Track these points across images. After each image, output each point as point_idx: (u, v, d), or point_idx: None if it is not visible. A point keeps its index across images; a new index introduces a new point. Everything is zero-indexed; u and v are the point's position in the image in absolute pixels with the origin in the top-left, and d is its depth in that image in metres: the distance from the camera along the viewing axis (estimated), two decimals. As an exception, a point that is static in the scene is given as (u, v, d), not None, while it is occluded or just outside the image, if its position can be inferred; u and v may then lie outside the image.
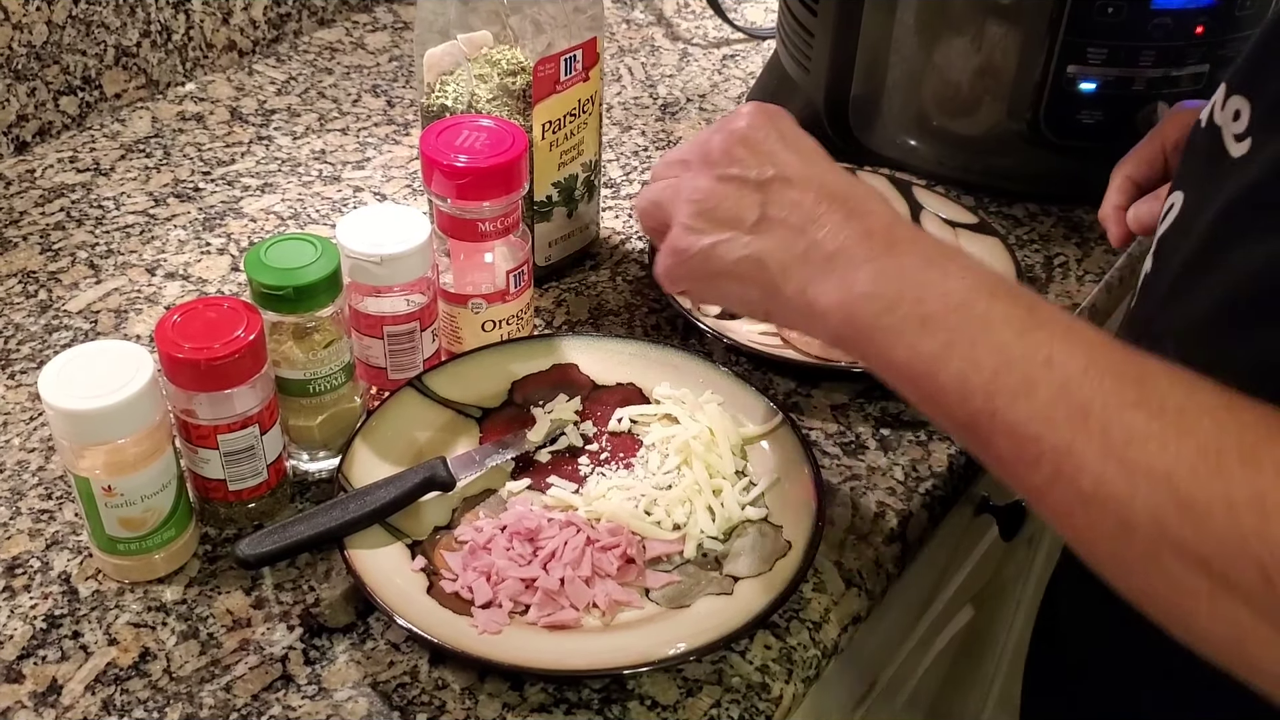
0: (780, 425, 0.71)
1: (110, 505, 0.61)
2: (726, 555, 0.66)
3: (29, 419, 0.74)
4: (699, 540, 0.66)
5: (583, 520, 0.66)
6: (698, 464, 0.69)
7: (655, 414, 0.73)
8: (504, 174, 0.71)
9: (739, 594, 0.63)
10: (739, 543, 0.66)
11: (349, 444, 0.68)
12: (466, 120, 0.74)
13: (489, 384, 0.74)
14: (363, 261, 0.68)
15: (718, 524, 0.67)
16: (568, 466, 0.71)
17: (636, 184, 0.98)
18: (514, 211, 0.73)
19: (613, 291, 0.86)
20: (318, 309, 0.66)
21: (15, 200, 0.94)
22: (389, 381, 0.73)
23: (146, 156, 0.99)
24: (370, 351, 0.72)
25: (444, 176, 0.71)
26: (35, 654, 0.61)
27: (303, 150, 1.01)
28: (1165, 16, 0.84)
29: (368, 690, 0.60)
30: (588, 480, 0.70)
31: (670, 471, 0.70)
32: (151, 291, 0.85)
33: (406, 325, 0.71)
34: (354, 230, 0.69)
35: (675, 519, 0.67)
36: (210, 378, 0.61)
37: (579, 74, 0.79)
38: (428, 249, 0.70)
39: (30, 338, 0.81)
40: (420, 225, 0.69)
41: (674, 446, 0.71)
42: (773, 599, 0.61)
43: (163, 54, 1.06)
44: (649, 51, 1.18)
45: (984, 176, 0.96)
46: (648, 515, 0.67)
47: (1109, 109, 0.88)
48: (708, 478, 0.69)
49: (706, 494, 0.68)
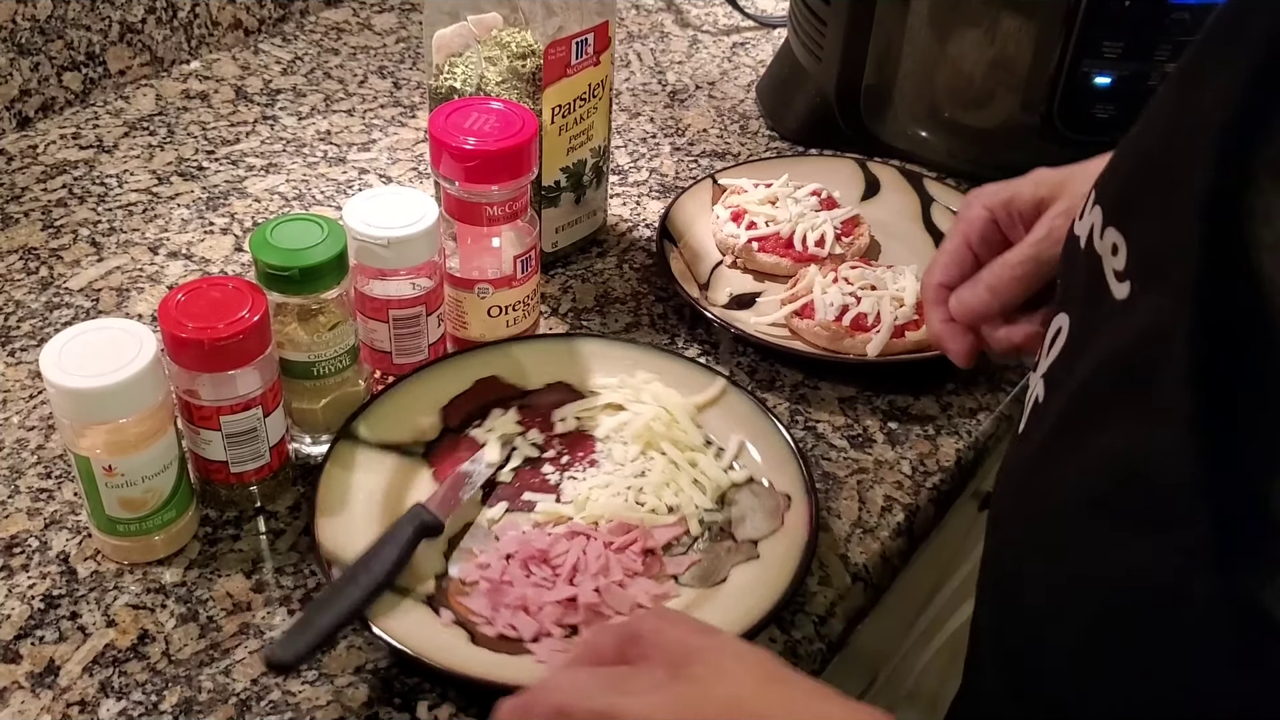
0: (727, 389, 0.71)
1: (110, 485, 0.61)
2: (731, 522, 0.66)
3: (29, 397, 0.74)
4: (699, 516, 0.66)
5: (585, 526, 0.65)
6: (666, 444, 0.69)
7: (598, 405, 0.72)
8: (513, 158, 0.70)
9: (765, 554, 0.63)
10: (737, 508, 0.67)
11: (311, 520, 0.62)
12: (476, 102, 0.73)
13: (418, 416, 0.70)
14: (369, 243, 0.67)
15: (709, 494, 0.67)
16: (535, 479, 0.69)
17: (645, 171, 0.97)
18: (522, 196, 0.72)
19: (619, 279, 0.85)
20: (323, 291, 0.65)
21: (17, 176, 0.93)
22: (394, 366, 0.72)
23: (150, 134, 0.98)
24: (375, 335, 0.71)
25: (452, 159, 0.70)
26: (33, 634, 0.60)
27: (308, 131, 1.00)
28: (1182, 11, 0.83)
29: (368, 677, 0.59)
30: (562, 488, 0.68)
31: (637, 459, 0.69)
32: (154, 270, 0.84)
33: (412, 310, 0.70)
34: (361, 212, 0.68)
35: (666, 502, 0.67)
36: (214, 358, 0.61)
37: (590, 58, 0.78)
38: (435, 232, 0.69)
39: (31, 315, 0.80)
40: (428, 208, 0.69)
41: (631, 433, 0.70)
42: (804, 545, 0.63)
43: (168, 31, 1.05)
44: (658, 38, 1.17)
45: (996, 170, 0.94)
46: (640, 505, 0.67)
47: (1124, 103, 0.87)
48: (680, 454, 0.69)
49: (686, 470, 0.68)
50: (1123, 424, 0.41)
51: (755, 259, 0.85)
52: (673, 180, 0.96)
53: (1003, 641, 0.48)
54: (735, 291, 0.84)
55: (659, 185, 0.96)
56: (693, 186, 0.90)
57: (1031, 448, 0.49)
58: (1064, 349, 0.49)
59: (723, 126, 1.04)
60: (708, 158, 0.99)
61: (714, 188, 0.91)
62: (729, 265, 0.86)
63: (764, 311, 0.81)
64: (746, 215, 0.86)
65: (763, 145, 1.01)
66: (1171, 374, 0.38)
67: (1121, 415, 0.42)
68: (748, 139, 1.02)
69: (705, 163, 0.99)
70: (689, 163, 0.99)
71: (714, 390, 0.71)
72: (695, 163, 0.99)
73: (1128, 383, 0.42)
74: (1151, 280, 0.42)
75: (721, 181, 0.91)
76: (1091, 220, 0.48)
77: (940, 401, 0.77)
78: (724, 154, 1.00)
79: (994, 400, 0.77)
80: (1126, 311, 0.43)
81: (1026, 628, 0.45)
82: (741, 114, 1.06)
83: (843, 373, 0.78)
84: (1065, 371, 0.48)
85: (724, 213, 0.87)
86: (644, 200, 0.94)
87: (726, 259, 0.86)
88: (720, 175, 0.92)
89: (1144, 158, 0.46)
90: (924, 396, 0.77)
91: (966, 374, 0.78)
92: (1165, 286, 0.40)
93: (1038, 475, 0.47)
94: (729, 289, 0.84)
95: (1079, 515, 0.43)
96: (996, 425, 0.76)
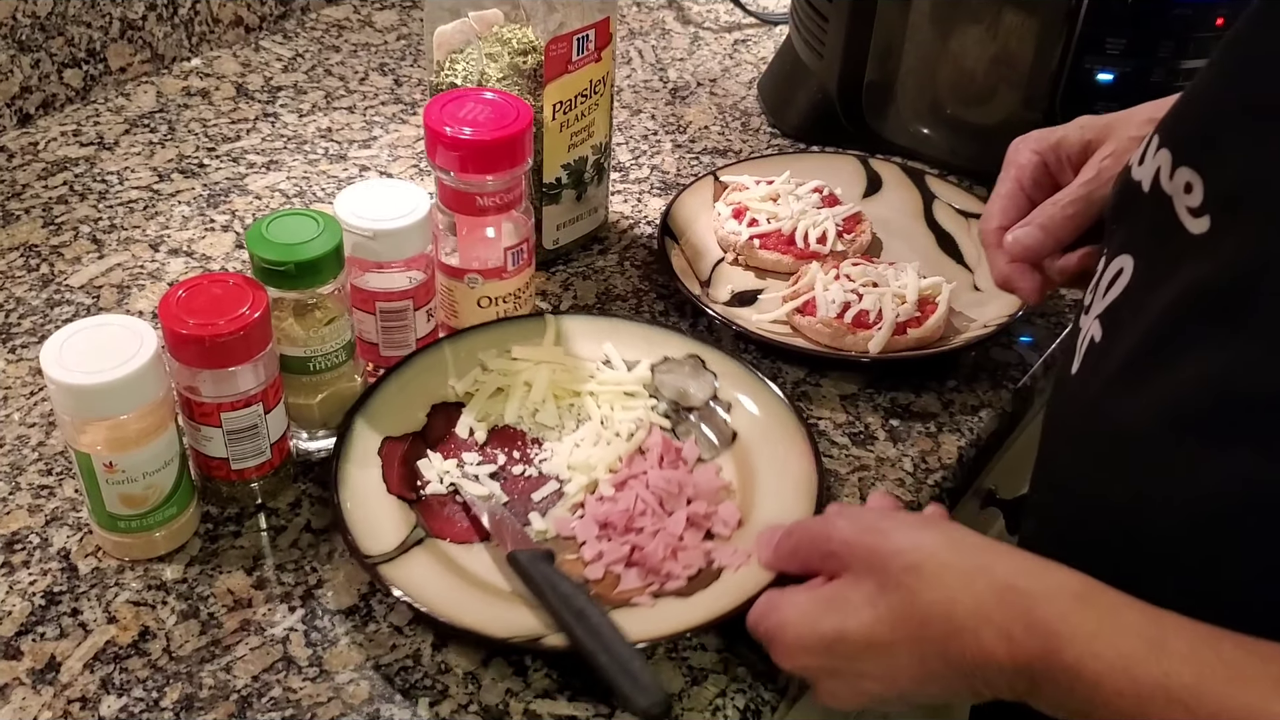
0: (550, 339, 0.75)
1: (111, 482, 0.61)
2: (679, 402, 0.73)
3: (29, 393, 0.74)
4: (661, 410, 0.73)
5: (617, 477, 0.68)
6: (574, 387, 0.73)
7: (486, 398, 0.72)
8: (507, 148, 0.70)
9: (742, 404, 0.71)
10: (668, 390, 0.73)
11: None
12: (472, 93, 0.73)
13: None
14: (358, 236, 0.68)
15: (642, 393, 0.73)
16: (524, 486, 0.69)
17: (646, 168, 0.97)
18: (516, 187, 0.72)
19: (620, 276, 0.85)
20: (319, 285, 0.65)
21: (18, 173, 0.93)
22: (381, 358, 0.72)
23: (151, 131, 0.98)
24: (364, 326, 0.72)
25: (447, 149, 0.70)
26: (34, 631, 0.60)
27: (309, 128, 1.00)
28: (1185, 8, 0.82)
29: (370, 673, 0.59)
30: (549, 458, 0.70)
31: (564, 412, 0.73)
32: (155, 267, 0.84)
33: (399, 303, 0.70)
34: (352, 204, 0.68)
35: (625, 428, 0.71)
36: (214, 355, 0.60)
37: (591, 54, 0.78)
38: (426, 225, 0.69)
39: (32, 311, 0.80)
40: (420, 201, 0.69)
41: (537, 399, 0.72)
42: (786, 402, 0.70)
43: (168, 28, 1.05)
44: (659, 34, 1.17)
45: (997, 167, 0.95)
46: (618, 436, 0.70)
47: (1126, 100, 0.86)
48: (590, 381, 0.73)
49: (612, 390, 0.73)
50: (1215, 346, 0.44)
51: (757, 256, 0.85)
52: (674, 177, 0.96)
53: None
54: (737, 289, 0.84)
55: (660, 182, 0.96)
56: (694, 183, 0.90)
57: (1097, 383, 0.51)
58: (1129, 287, 0.51)
59: (724, 123, 1.04)
60: (709, 154, 0.99)
61: (715, 185, 0.91)
62: (730, 262, 0.86)
63: (765, 309, 0.81)
64: (748, 212, 0.86)
65: (764, 142, 1.01)
66: (1273, 293, 0.41)
67: (1213, 338, 0.44)
68: (749, 136, 1.02)
69: (706, 160, 0.99)
70: (690, 160, 0.98)
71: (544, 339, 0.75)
72: (696, 160, 0.99)
73: (1219, 309, 0.44)
74: (1241, 211, 0.44)
75: (723, 178, 0.91)
76: (1158, 164, 0.50)
77: (942, 399, 0.76)
78: (725, 151, 1.00)
79: (996, 398, 0.77)
80: (1207, 244, 0.46)
81: (1100, 562, 0.47)
82: (743, 111, 1.05)
83: (844, 370, 0.78)
84: (1133, 309, 0.50)
85: (725, 210, 0.87)
86: (645, 197, 0.94)
87: (728, 256, 0.86)
88: (722, 172, 0.91)
89: (1218, 98, 0.48)
90: (926, 394, 0.77)
91: (968, 372, 0.78)
92: (1260, 216, 0.43)
93: (1110, 406, 0.50)
94: (730, 286, 0.84)
95: (1169, 436, 0.46)
96: (999, 423, 0.76)
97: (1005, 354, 0.80)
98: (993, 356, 0.80)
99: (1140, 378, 0.48)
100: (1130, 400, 0.48)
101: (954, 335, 0.79)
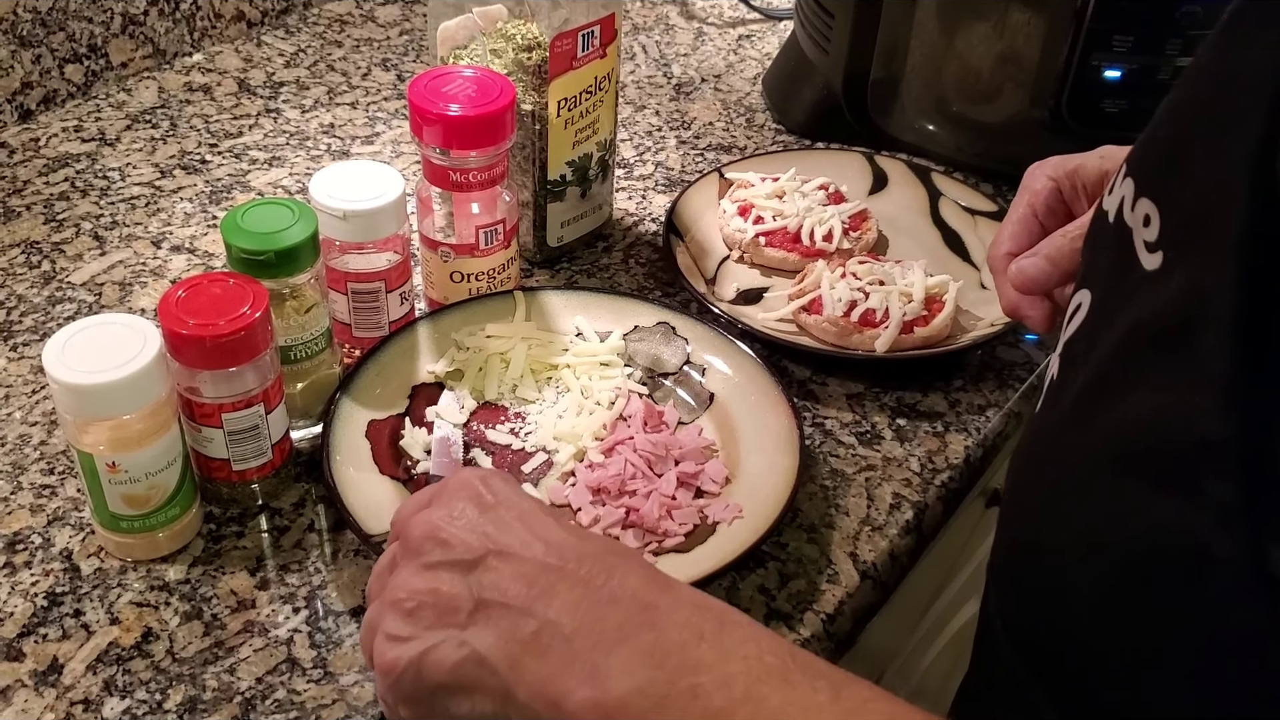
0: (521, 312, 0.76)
1: (114, 482, 0.60)
2: (654, 369, 0.74)
3: (31, 392, 0.73)
4: (636, 377, 0.74)
5: (604, 444, 0.69)
6: (551, 360, 0.74)
7: (464, 374, 0.73)
8: (490, 124, 0.70)
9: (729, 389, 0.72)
10: (641, 357, 0.75)
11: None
12: (455, 70, 0.73)
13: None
14: (331, 216, 0.68)
15: (618, 361, 0.74)
16: (509, 457, 0.70)
17: (650, 164, 0.97)
18: (500, 163, 0.73)
19: (625, 274, 0.85)
20: (298, 273, 0.65)
21: (19, 169, 0.92)
22: (354, 339, 0.73)
23: (153, 127, 0.98)
24: (336, 306, 0.72)
25: (429, 124, 0.70)
26: (36, 632, 0.60)
27: (311, 124, 0.99)
28: (1194, 5, 0.82)
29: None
30: (534, 431, 0.71)
31: (542, 385, 0.73)
32: (157, 265, 0.84)
33: (371, 284, 0.71)
34: (326, 185, 0.69)
35: (605, 397, 0.72)
36: (215, 355, 0.60)
37: (596, 50, 0.77)
38: (400, 207, 0.69)
39: (33, 309, 0.79)
40: (394, 183, 0.69)
41: (515, 376, 0.73)
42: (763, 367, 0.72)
43: (170, 23, 1.04)
44: (663, 30, 1.17)
45: (1004, 164, 0.95)
46: (599, 405, 0.71)
47: (1134, 98, 0.86)
48: (566, 353, 0.74)
49: (588, 363, 0.74)
50: (1155, 386, 0.42)
51: (762, 254, 0.84)
52: (678, 174, 0.96)
53: (1019, 618, 0.48)
54: (742, 286, 0.83)
55: (665, 179, 0.95)
56: (699, 180, 0.90)
57: (1054, 418, 0.49)
58: (1084, 323, 0.49)
59: (729, 120, 1.03)
60: (714, 151, 0.99)
61: (720, 182, 0.90)
62: (736, 260, 0.85)
63: (771, 307, 0.81)
64: (753, 209, 0.86)
65: (769, 139, 1.01)
66: (1212, 332, 0.38)
67: (1154, 378, 0.42)
68: (754, 132, 1.01)
69: (711, 156, 0.98)
70: (695, 156, 0.98)
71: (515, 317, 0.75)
72: (701, 156, 0.98)
73: (1162, 346, 0.42)
74: (1189, 244, 0.42)
75: (728, 175, 0.90)
76: (1122, 193, 0.48)
77: (949, 398, 0.76)
78: (730, 147, 0.99)
79: (1003, 397, 0.76)
80: (1159, 280, 0.43)
81: (1044, 600, 0.46)
82: (748, 107, 1.05)
83: (851, 369, 0.77)
84: (1087, 344, 0.48)
85: (731, 207, 0.87)
86: (650, 194, 0.93)
87: (733, 254, 0.86)
88: (727, 169, 0.91)
89: (1179, 125, 0.46)
90: (932, 393, 0.76)
91: (975, 371, 0.78)
92: (1206, 247, 0.40)
93: (1061, 443, 0.48)
94: (736, 284, 0.83)
95: (1106, 476, 0.43)
96: (1005, 422, 0.76)
97: (1012, 353, 0.80)
98: (999, 356, 0.79)
99: (1087, 417, 0.46)
100: (1078, 440, 0.46)
101: (960, 334, 0.78)
